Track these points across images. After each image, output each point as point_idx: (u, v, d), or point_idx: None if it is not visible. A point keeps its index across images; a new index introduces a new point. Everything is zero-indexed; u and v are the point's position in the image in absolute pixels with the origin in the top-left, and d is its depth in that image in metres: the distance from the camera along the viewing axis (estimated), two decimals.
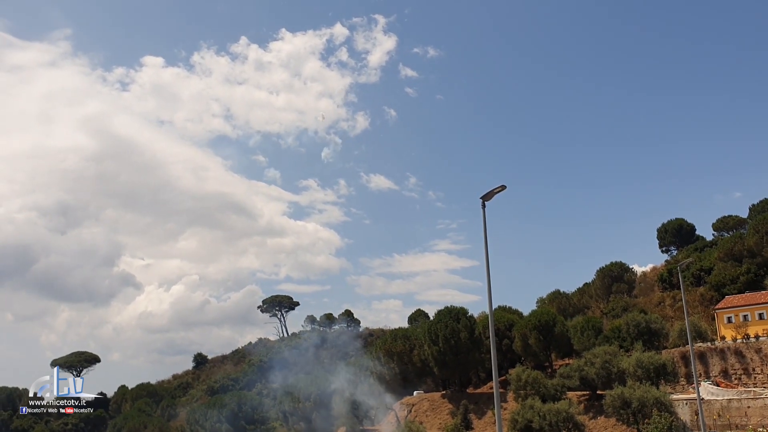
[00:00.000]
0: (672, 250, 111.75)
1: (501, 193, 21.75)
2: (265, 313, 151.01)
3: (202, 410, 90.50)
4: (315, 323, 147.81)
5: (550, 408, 53.32)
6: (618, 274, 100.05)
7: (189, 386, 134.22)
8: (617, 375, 58.35)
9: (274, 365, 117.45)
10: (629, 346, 65.80)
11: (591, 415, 59.85)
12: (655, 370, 56.52)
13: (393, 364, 79.05)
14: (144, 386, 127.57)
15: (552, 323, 74.43)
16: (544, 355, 76.69)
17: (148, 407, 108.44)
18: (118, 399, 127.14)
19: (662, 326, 70.11)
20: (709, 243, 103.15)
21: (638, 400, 50.55)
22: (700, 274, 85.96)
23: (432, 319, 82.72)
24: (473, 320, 78.23)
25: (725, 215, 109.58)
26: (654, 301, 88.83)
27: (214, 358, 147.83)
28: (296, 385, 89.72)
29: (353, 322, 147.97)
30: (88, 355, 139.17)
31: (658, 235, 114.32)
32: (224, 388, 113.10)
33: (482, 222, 21.99)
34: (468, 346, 74.07)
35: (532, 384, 61.12)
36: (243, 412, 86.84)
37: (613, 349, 63.00)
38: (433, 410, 72.89)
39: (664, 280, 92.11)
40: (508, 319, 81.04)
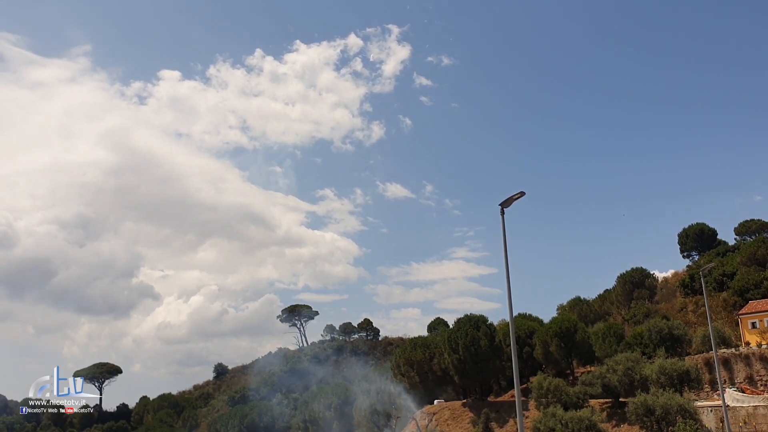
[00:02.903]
0: (694, 255, 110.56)
1: (520, 199, 21.70)
2: (284, 322, 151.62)
3: (223, 420, 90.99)
4: (334, 332, 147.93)
5: (573, 416, 52.78)
6: (639, 280, 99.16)
7: (210, 396, 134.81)
8: (640, 382, 57.67)
9: (295, 375, 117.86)
10: (652, 353, 65.10)
11: (614, 423, 59.18)
12: (679, 376, 55.79)
13: (413, 372, 78.80)
14: (165, 397, 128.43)
15: (573, 330, 73.85)
16: (565, 362, 76.08)
17: (170, 418, 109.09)
18: (140, 410, 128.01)
19: (685, 332, 69.28)
20: (731, 247, 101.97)
21: (662, 408, 49.91)
22: (723, 279, 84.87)
23: (451, 327, 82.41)
24: (493, 328, 77.86)
25: (747, 219, 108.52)
26: (676, 307, 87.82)
27: (235, 369, 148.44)
28: (316, 394, 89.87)
29: (372, 331, 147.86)
30: (109, 366, 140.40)
31: (679, 240, 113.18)
32: (245, 398, 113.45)
33: (501, 229, 21.96)
34: (488, 354, 73.68)
35: (554, 392, 60.58)
36: (264, 422, 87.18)
37: (635, 355, 62.28)
38: (454, 419, 72.50)
39: (686, 285, 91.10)
40: (528, 326, 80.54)
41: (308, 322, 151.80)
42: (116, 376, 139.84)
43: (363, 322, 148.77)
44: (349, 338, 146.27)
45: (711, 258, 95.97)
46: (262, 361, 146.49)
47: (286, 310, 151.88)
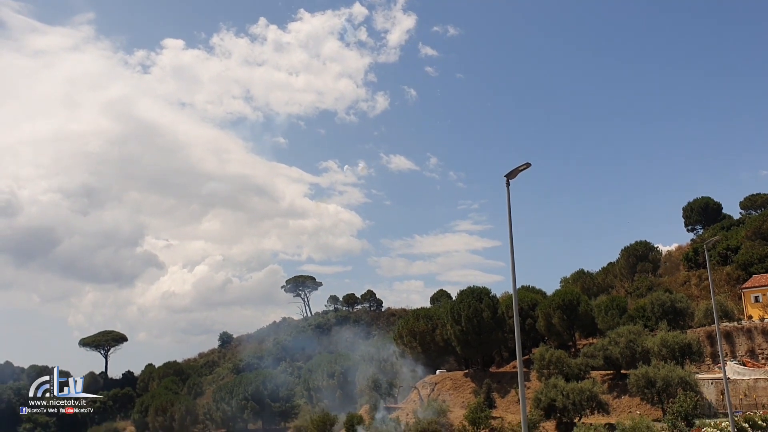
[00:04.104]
0: (698, 229, 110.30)
1: (524, 172, 21.51)
2: (288, 293, 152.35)
3: (227, 388, 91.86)
4: (338, 303, 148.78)
5: (574, 387, 53.23)
6: (643, 254, 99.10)
7: (215, 364, 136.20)
8: (642, 354, 58.02)
9: (298, 344, 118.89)
10: (654, 326, 65.37)
11: (615, 394, 59.69)
12: (680, 349, 56.13)
13: (415, 343, 79.37)
14: (170, 365, 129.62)
15: (576, 302, 74.07)
16: (567, 334, 76.44)
17: (175, 385, 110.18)
18: (145, 377, 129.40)
19: (687, 305, 69.47)
20: (736, 221, 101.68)
21: (663, 380, 50.28)
22: (727, 253, 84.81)
23: (454, 299, 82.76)
24: (496, 300, 78.16)
25: (753, 193, 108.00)
26: (679, 281, 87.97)
27: (239, 337, 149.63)
28: (320, 363, 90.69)
29: (375, 303, 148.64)
30: (115, 334, 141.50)
31: (683, 214, 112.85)
32: (249, 366, 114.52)
33: (506, 200, 21.81)
34: (491, 326, 74.10)
35: (556, 363, 61.04)
36: (268, 390, 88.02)
37: (637, 328, 62.59)
38: (455, 389, 73.19)
39: (689, 259, 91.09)
40: (531, 298, 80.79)
41: (312, 292, 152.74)
42: (122, 344, 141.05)
43: (366, 294, 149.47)
44: (353, 309, 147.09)
45: (715, 232, 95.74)
46: (266, 330, 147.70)
47: (290, 280, 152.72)
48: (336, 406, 78.44)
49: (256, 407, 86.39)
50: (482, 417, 58.74)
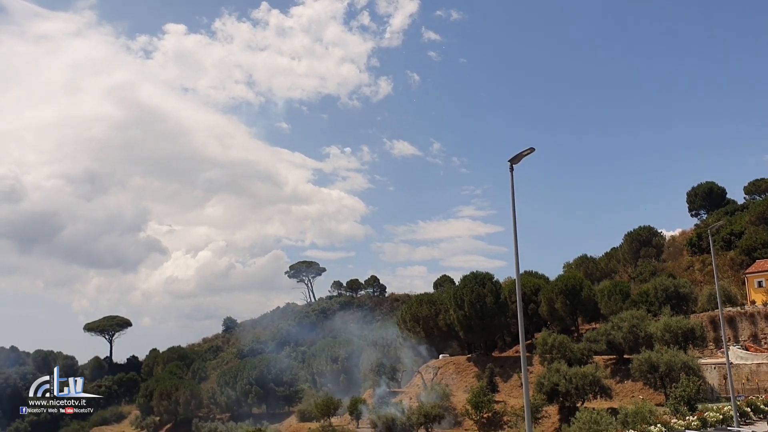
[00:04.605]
0: (702, 214, 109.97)
1: (528, 157, 21.39)
2: (292, 278, 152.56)
3: (231, 373, 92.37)
4: (341, 288, 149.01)
5: (577, 371, 53.37)
6: (646, 239, 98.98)
7: (219, 349, 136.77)
8: (644, 339, 58.09)
9: (302, 329, 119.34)
10: (657, 311, 65.42)
11: (618, 378, 59.89)
12: (683, 334, 56.18)
13: (419, 328, 79.61)
14: (175, 350, 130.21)
15: (579, 287, 74.17)
16: (570, 319, 76.61)
17: (179, 370, 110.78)
18: (149, 362, 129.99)
19: (691, 291, 69.48)
20: (740, 207, 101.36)
21: (666, 364, 50.38)
22: (731, 238, 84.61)
23: (458, 285, 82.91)
24: (499, 285, 78.25)
25: (757, 178, 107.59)
26: (683, 266, 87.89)
27: (243, 322, 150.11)
28: (323, 348, 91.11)
29: (379, 288, 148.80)
30: (119, 319, 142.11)
31: (687, 199, 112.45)
32: (253, 351, 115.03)
33: (510, 185, 21.71)
34: (493, 311, 74.25)
35: (558, 348, 61.20)
36: (272, 375, 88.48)
37: (640, 313, 62.62)
38: (458, 373, 73.51)
39: (693, 244, 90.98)
40: (534, 283, 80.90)
41: (315, 278, 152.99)
42: (126, 329, 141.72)
43: (369, 279, 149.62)
44: (356, 294, 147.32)
45: (719, 217, 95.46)
46: (270, 316, 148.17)
47: (293, 266, 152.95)
48: (339, 390, 78.91)
49: (260, 392, 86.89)
50: (485, 401, 59.06)
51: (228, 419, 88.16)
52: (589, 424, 37.42)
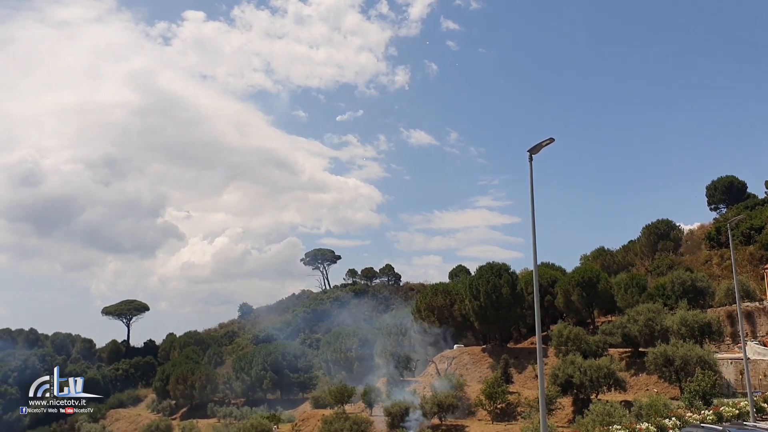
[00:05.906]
0: (721, 208, 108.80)
1: (546, 147, 21.34)
2: (307, 265, 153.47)
3: (247, 358, 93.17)
4: (356, 277, 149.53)
5: (591, 364, 53.19)
6: (664, 232, 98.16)
7: (235, 335, 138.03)
8: (660, 333, 57.72)
9: (317, 316, 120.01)
10: (674, 305, 64.93)
11: (633, 372, 59.62)
12: (700, 328, 55.72)
13: (433, 317, 79.68)
14: (191, 334, 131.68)
15: (595, 280, 73.78)
16: (586, 311, 76.30)
17: (196, 354, 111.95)
18: (166, 346, 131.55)
19: (708, 285, 68.83)
20: (760, 201, 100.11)
21: (681, 358, 50.04)
22: (750, 233, 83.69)
23: (473, 275, 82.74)
24: (515, 276, 78.03)
25: None
26: (701, 260, 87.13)
27: (259, 308, 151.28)
28: (338, 335, 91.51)
29: (394, 277, 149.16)
30: (137, 303, 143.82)
31: (707, 193, 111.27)
32: (269, 337, 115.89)
33: (529, 176, 21.70)
34: (509, 302, 74.10)
35: (574, 340, 60.95)
36: (286, 361, 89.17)
37: (657, 306, 62.15)
38: (473, 363, 73.56)
39: (711, 238, 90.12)
40: (550, 275, 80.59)
41: (331, 266, 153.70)
42: (143, 313, 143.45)
43: (384, 268, 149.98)
44: (371, 283, 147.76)
45: (739, 211, 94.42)
46: (285, 302, 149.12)
47: (309, 253, 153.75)
48: (353, 378, 79.26)
49: (274, 378, 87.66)
50: (499, 392, 59.04)
51: (243, 404, 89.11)
52: (602, 416, 37.42)
